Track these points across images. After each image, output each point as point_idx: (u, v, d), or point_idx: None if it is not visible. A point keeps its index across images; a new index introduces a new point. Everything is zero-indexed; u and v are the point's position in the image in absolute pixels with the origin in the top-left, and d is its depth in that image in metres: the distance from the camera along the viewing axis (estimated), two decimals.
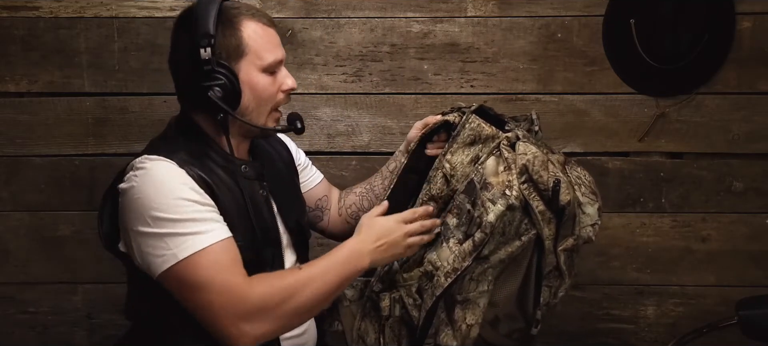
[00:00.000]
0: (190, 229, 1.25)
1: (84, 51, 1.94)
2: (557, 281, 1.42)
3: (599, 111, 1.97)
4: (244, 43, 1.35)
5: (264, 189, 1.44)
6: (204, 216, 1.27)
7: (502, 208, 1.33)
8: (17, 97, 1.97)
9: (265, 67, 1.37)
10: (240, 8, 1.37)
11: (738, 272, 2.04)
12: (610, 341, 2.09)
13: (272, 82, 1.39)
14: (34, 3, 1.93)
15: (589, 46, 1.94)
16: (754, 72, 1.94)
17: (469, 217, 1.36)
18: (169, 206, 1.25)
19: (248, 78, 1.35)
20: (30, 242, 2.03)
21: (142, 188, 1.26)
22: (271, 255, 1.41)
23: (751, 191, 2.00)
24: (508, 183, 1.34)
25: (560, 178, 1.35)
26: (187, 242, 1.24)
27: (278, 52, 1.39)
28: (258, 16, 1.38)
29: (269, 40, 1.38)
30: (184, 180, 1.28)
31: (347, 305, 1.45)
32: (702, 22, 1.89)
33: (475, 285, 1.39)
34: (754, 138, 1.97)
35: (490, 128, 1.41)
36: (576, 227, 1.38)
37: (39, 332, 2.08)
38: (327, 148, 2.00)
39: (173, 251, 1.24)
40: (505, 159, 1.37)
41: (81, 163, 1.99)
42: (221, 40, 1.33)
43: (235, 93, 1.33)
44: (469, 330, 1.39)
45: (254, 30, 1.36)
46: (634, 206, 2.02)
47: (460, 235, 1.38)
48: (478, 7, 1.94)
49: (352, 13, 1.95)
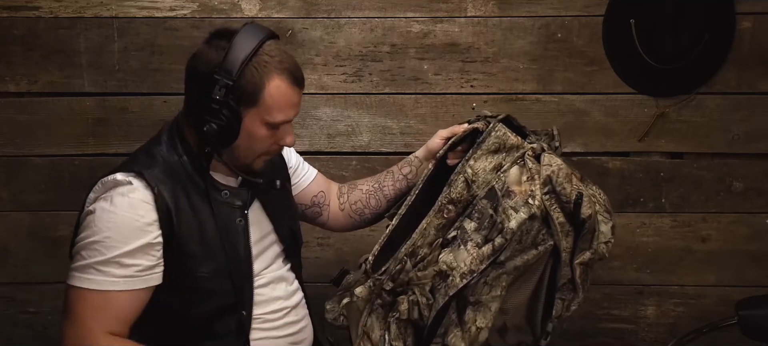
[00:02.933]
0: (103, 268, 1.27)
1: (84, 51, 1.94)
2: (571, 294, 1.44)
3: (599, 111, 1.97)
4: (262, 96, 1.31)
5: (243, 219, 1.42)
6: (125, 261, 1.28)
7: (525, 216, 1.35)
8: (17, 97, 1.97)
9: (271, 124, 1.35)
10: (275, 58, 1.33)
11: (738, 272, 2.04)
12: (610, 341, 2.09)
13: (272, 135, 1.37)
14: (34, 3, 1.93)
15: (589, 46, 1.94)
16: (754, 72, 1.94)
17: (491, 222, 1.38)
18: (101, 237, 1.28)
19: (250, 126, 1.33)
20: (30, 242, 2.03)
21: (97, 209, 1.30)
22: (241, 284, 1.40)
23: (751, 191, 2.00)
24: (531, 193, 1.37)
25: (583, 191, 1.38)
26: (92, 276, 1.27)
27: (290, 113, 1.36)
28: (288, 74, 1.34)
29: (287, 102, 1.34)
30: (134, 214, 1.29)
31: (355, 301, 1.45)
32: (702, 22, 1.89)
33: (489, 289, 1.39)
34: (754, 138, 1.97)
35: (515, 138, 1.43)
36: (594, 242, 1.40)
37: (39, 332, 2.08)
38: (327, 148, 2.00)
39: (79, 275, 1.28)
40: (529, 169, 1.39)
41: (81, 163, 1.99)
42: (242, 82, 1.30)
43: (231, 135, 1.32)
44: (479, 333, 1.40)
45: (277, 87, 1.32)
46: (634, 206, 2.02)
47: (479, 239, 1.39)
48: (478, 7, 1.94)
49: (352, 13, 1.95)
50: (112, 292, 1.27)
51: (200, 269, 1.34)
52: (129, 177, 1.32)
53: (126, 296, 1.29)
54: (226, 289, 1.37)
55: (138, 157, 1.38)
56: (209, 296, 1.36)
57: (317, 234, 1.97)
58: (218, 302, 1.37)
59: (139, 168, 1.33)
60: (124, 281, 1.28)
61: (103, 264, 1.27)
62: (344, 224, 1.66)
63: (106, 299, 1.27)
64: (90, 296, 1.27)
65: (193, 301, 1.36)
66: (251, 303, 1.41)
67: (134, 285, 1.29)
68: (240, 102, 1.30)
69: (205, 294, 1.36)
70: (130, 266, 1.28)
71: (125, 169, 1.34)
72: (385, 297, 1.43)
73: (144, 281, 1.30)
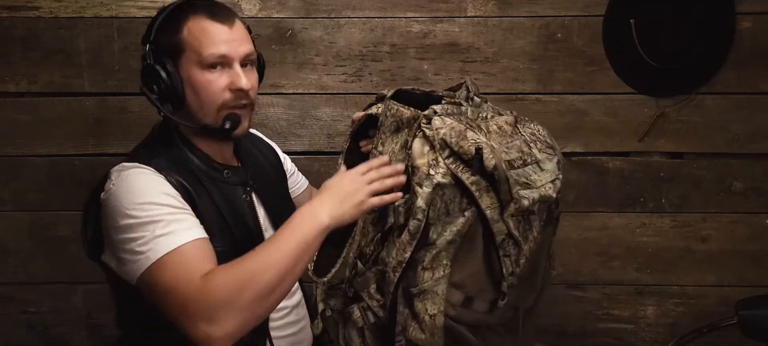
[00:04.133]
0: (161, 230, 1.22)
1: (84, 51, 1.94)
2: (515, 249, 1.34)
3: (599, 111, 1.97)
4: (182, 39, 1.30)
5: (247, 195, 1.42)
6: (173, 218, 1.24)
7: (429, 189, 1.28)
8: (17, 97, 1.97)
9: (204, 63, 1.30)
10: (192, 6, 1.32)
11: (738, 272, 2.04)
12: (610, 341, 2.09)
13: (217, 79, 1.31)
14: (34, 3, 1.93)
15: (589, 46, 1.94)
16: (754, 72, 1.94)
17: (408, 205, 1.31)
18: (138, 210, 1.23)
19: (187, 75, 1.31)
20: (30, 242, 2.03)
21: (117, 196, 1.25)
22: None
23: (751, 191, 2.00)
24: (433, 161, 1.29)
25: (482, 144, 1.29)
26: (159, 244, 1.21)
27: (221, 47, 1.31)
28: (203, 10, 1.32)
29: (212, 36, 1.30)
30: (158, 185, 1.27)
31: (330, 315, 1.44)
32: (702, 22, 1.89)
33: (430, 274, 1.33)
34: (754, 138, 1.97)
35: (408, 110, 1.36)
36: (513, 190, 1.30)
37: (39, 332, 2.08)
38: (327, 148, 2.00)
39: (146, 255, 1.21)
40: (427, 138, 1.31)
41: (81, 163, 1.99)
42: (162, 38, 1.31)
43: (174, 91, 1.30)
44: (434, 320, 1.34)
45: (197, 25, 1.30)
46: (634, 206, 2.02)
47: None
48: (478, 7, 1.94)
49: (352, 13, 1.95)
50: (185, 244, 1.21)
51: (219, 244, 1.30)
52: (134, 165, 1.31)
53: (200, 242, 1.24)
54: None
55: (139, 152, 1.37)
56: None
57: None
58: None
59: (143, 161, 1.32)
60: (187, 232, 1.23)
61: (162, 226, 1.22)
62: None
63: (185, 252, 1.21)
64: (171, 258, 1.20)
65: None
66: None
67: (197, 233, 1.24)
68: (168, 56, 1.30)
69: None
70: (182, 221, 1.24)
71: (130, 160, 1.33)
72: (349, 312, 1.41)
73: (201, 231, 1.26)
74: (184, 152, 1.35)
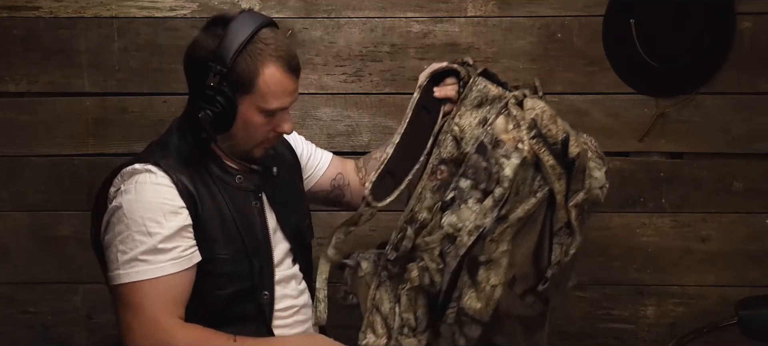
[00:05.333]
0: (143, 255, 1.28)
1: (84, 51, 1.94)
2: (569, 238, 1.41)
3: (599, 111, 1.97)
4: (256, 83, 1.32)
5: (258, 201, 1.43)
6: (164, 246, 1.29)
7: (517, 161, 1.33)
8: (17, 97, 1.97)
9: (266, 111, 1.35)
10: (270, 45, 1.33)
11: (738, 272, 2.04)
12: (610, 341, 2.09)
13: (268, 122, 1.37)
14: (34, 3, 1.93)
15: (589, 46, 1.94)
16: (754, 72, 1.94)
17: (487, 174, 1.36)
18: (137, 225, 1.29)
19: (246, 113, 1.34)
20: (30, 242, 2.03)
21: (124, 202, 1.31)
22: (258, 267, 1.41)
23: (751, 191, 2.00)
24: (519, 139, 1.35)
25: (569, 132, 1.37)
26: (134, 268, 1.28)
27: (286, 100, 1.37)
28: (283, 62, 1.34)
29: (282, 89, 1.35)
30: (164, 200, 1.31)
31: (362, 276, 1.45)
32: (702, 22, 1.89)
33: (496, 246, 1.37)
34: (754, 138, 1.97)
35: (496, 89, 1.42)
36: (586, 181, 1.38)
37: (39, 332, 2.08)
38: (327, 148, 1.98)
39: (127, 271, 1.29)
40: (514, 117, 1.37)
41: (81, 163, 1.99)
42: (237, 70, 1.30)
43: (227, 121, 1.33)
44: (493, 291, 1.38)
45: (272, 75, 1.33)
46: (634, 206, 2.02)
47: (478, 194, 1.37)
48: (478, 7, 1.94)
49: (352, 13, 1.95)
50: (163, 277, 1.29)
51: (221, 251, 1.36)
52: (147, 166, 1.33)
53: (177, 278, 1.30)
54: (244, 272, 1.39)
55: (152, 150, 1.40)
56: (229, 280, 1.38)
57: (318, 234, 1.97)
58: (236, 286, 1.38)
59: (154, 159, 1.34)
60: (171, 264, 1.29)
61: (147, 253, 1.28)
62: None
63: (159, 286, 1.29)
64: (143, 287, 1.28)
65: (213, 284, 1.37)
66: (273, 284, 1.43)
67: (181, 266, 1.31)
68: (235, 89, 1.31)
69: (225, 277, 1.37)
70: (172, 250, 1.29)
71: (141, 160, 1.36)
72: (391, 269, 1.42)
73: (188, 260, 1.32)
74: (199, 153, 1.38)
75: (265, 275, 1.42)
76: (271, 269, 1.43)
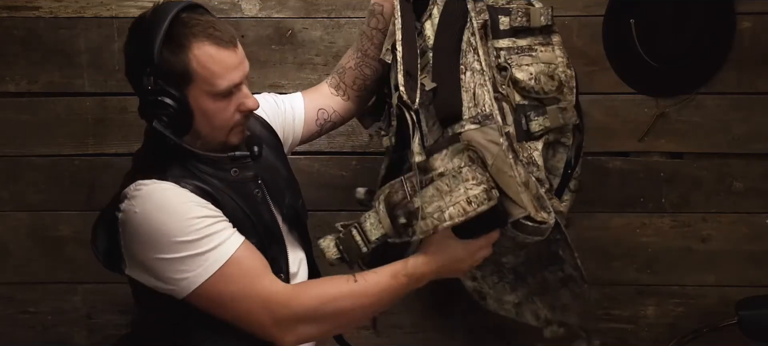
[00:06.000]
0: (209, 245, 1.24)
1: (84, 51, 1.94)
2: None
3: (599, 111, 1.97)
4: (191, 69, 1.24)
5: (259, 188, 1.41)
6: (218, 228, 1.26)
7: None
8: (17, 97, 1.97)
9: (217, 94, 1.27)
10: (192, 25, 1.25)
11: (738, 272, 2.04)
12: (610, 341, 2.09)
13: (227, 105, 1.29)
14: (34, 3, 1.93)
15: (589, 46, 1.94)
16: (754, 72, 1.94)
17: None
18: (181, 228, 1.23)
19: (198, 104, 1.27)
20: (30, 242, 2.03)
21: (148, 215, 1.24)
22: (277, 252, 1.39)
23: (751, 191, 2.00)
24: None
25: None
26: (210, 259, 1.23)
27: (234, 75, 1.28)
28: (212, 36, 1.25)
29: (223, 65, 1.26)
30: (188, 197, 1.26)
31: (500, 152, 1.33)
32: (702, 22, 1.89)
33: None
34: (754, 138, 1.97)
35: None
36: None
37: (39, 332, 2.08)
38: (327, 148, 2.00)
39: (198, 271, 1.23)
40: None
41: (81, 163, 1.99)
42: (166, 64, 1.24)
43: (185, 119, 1.27)
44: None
45: (204, 53, 1.24)
46: (634, 206, 2.02)
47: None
48: None
49: (352, 13, 1.95)
50: (235, 252, 1.25)
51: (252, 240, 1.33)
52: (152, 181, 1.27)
53: (244, 247, 1.27)
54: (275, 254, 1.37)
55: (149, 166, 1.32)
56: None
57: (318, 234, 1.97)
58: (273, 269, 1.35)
59: (158, 175, 1.28)
60: (232, 239, 1.26)
61: (207, 242, 1.23)
62: (357, 108, 1.63)
63: (241, 259, 1.26)
64: (229, 269, 1.24)
65: None
66: (288, 266, 1.41)
67: (239, 236, 1.28)
68: (175, 84, 1.24)
69: None
70: (223, 230, 1.26)
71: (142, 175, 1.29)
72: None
73: (238, 234, 1.29)
74: (189, 159, 1.32)
75: (281, 258, 1.40)
76: (284, 252, 1.42)
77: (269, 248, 1.37)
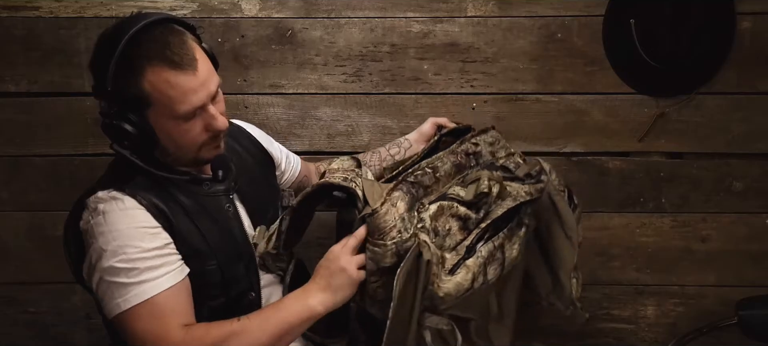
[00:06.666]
0: (136, 278, 1.24)
1: (84, 51, 1.94)
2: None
3: (599, 111, 1.97)
4: (146, 94, 1.20)
5: (231, 203, 1.40)
6: (151, 264, 1.25)
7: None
8: (17, 97, 1.97)
9: (179, 117, 1.23)
10: (147, 48, 1.19)
11: (738, 272, 2.04)
12: (610, 341, 2.09)
13: (192, 126, 1.25)
14: (34, 3, 1.93)
15: (589, 46, 1.94)
16: (754, 72, 1.94)
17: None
18: (117, 253, 1.24)
19: (160, 125, 1.24)
20: (30, 242, 2.03)
21: (96, 235, 1.26)
22: (244, 269, 1.39)
23: (751, 191, 2.00)
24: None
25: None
26: (132, 292, 1.24)
27: (194, 98, 1.21)
28: (167, 60, 1.19)
29: (180, 89, 1.20)
30: (137, 222, 1.26)
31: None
32: (702, 22, 1.89)
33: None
34: (754, 138, 1.97)
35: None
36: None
37: (39, 332, 2.08)
38: (327, 148, 2.00)
39: (118, 301, 1.25)
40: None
41: (81, 163, 1.99)
42: (122, 90, 1.20)
43: (146, 142, 1.25)
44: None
45: (159, 79, 1.19)
46: (634, 206, 2.02)
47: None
48: (478, 7, 1.94)
49: (352, 13, 1.95)
50: (160, 293, 1.25)
51: (208, 263, 1.33)
52: (111, 193, 1.28)
53: (174, 290, 1.26)
54: (231, 278, 1.37)
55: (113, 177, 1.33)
56: (218, 288, 1.36)
57: (319, 234, 1.97)
58: (226, 293, 1.36)
59: (118, 186, 1.29)
60: (164, 278, 1.26)
61: (136, 275, 1.24)
62: None
63: (158, 303, 1.24)
64: (144, 308, 1.24)
65: (207, 295, 1.35)
66: (259, 284, 1.41)
67: (175, 278, 1.27)
68: (132, 109, 1.21)
69: (216, 287, 1.35)
70: (160, 267, 1.26)
71: (103, 186, 1.30)
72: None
73: (180, 272, 1.28)
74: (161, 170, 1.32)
75: (251, 275, 1.40)
76: (255, 269, 1.42)
77: (233, 266, 1.37)
